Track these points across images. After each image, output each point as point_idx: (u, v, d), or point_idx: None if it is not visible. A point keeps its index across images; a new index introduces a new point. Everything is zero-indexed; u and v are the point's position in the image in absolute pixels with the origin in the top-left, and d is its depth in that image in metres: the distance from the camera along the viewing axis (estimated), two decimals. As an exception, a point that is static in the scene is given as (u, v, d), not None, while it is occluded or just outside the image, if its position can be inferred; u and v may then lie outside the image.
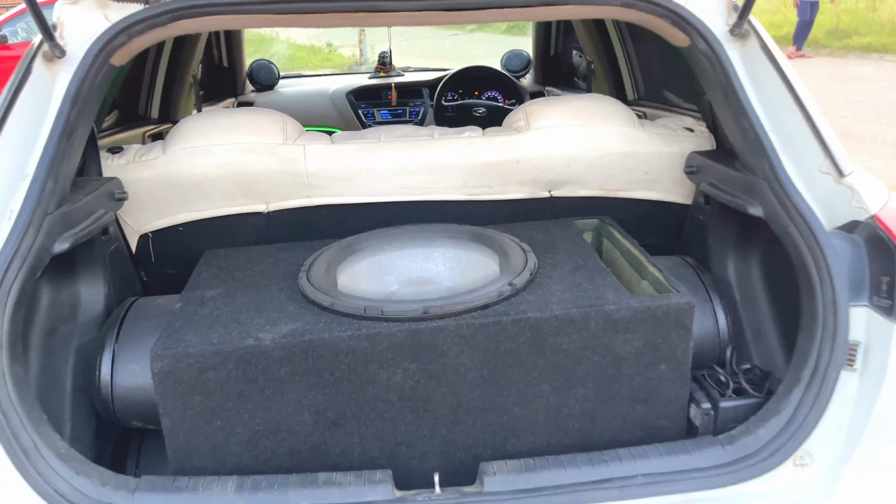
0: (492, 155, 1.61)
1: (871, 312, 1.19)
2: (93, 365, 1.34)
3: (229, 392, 1.19)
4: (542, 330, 1.22)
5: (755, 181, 1.36)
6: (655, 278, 1.38)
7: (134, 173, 1.55)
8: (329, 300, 1.26)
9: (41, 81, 1.30)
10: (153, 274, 1.69)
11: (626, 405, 1.27)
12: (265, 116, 1.61)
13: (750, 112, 1.35)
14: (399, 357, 1.20)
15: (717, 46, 1.39)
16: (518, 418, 1.24)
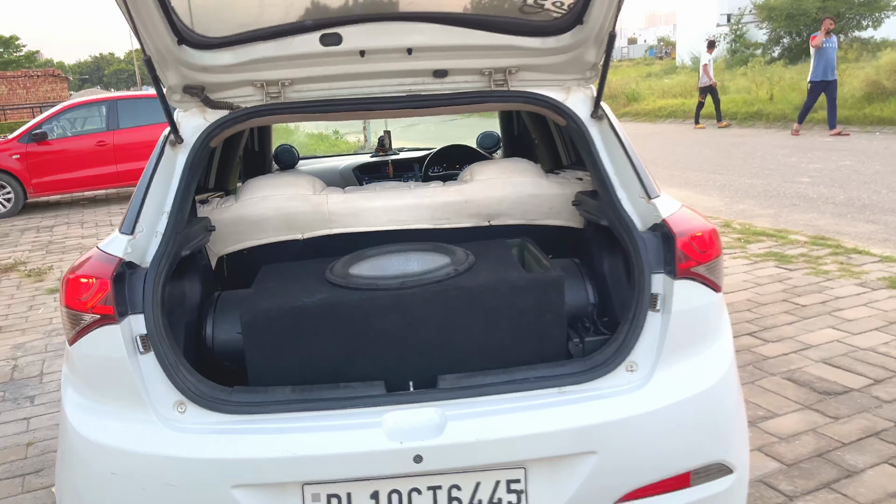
0: (448, 198, 2.40)
1: (664, 276, 1.93)
2: (193, 333, 2.10)
3: (286, 334, 1.93)
4: (473, 294, 1.97)
5: (604, 205, 2.13)
6: (545, 266, 2.14)
7: (217, 215, 2.34)
8: (344, 281, 2.02)
9: (169, 158, 2.10)
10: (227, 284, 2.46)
11: (528, 341, 2.01)
12: (301, 177, 2.41)
13: (600, 165, 2.13)
14: (386, 312, 1.95)
15: (582, 125, 2.19)
16: (461, 350, 1.99)
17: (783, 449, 3.05)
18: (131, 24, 1.81)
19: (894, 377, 3.63)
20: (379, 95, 2.19)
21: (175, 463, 1.73)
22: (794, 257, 5.85)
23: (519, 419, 1.79)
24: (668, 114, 18.18)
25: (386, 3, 1.98)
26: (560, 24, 2.06)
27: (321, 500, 1.77)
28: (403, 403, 1.80)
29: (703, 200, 8.66)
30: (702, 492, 1.90)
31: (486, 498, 1.80)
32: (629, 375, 1.87)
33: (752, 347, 4.11)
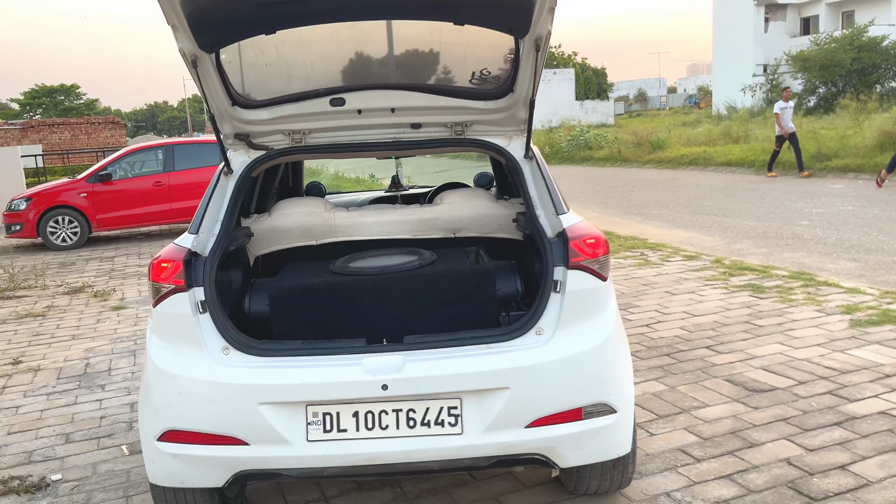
0: (423, 216, 3.23)
1: (563, 268, 2.70)
2: (238, 305, 2.94)
3: (299, 304, 2.75)
4: (430, 279, 2.78)
5: (528, 221, 2.91)
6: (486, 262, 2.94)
7: (255, 225, 3.19)
8: (341, 271, 2.85)
9: (223, 183, 2.97)
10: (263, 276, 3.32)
11: (470, 314, 2.79)
12: (317, 200, 3.26)
13: (527, 192, 2.91)
14: (369, 290, 2.76)
15: (517, 164, 2.99)
16: (423, 318, 2.78)
17: (704, 428, 3.74)
18: (201, 92, 2.71)
19: (816, 380, 4.29)
20: (372, 141, 3.05)
21: (220, 387, 2.55)
22: (769, 289, 6.51)
23: (457, 363, 2.57)
24: (690, 161, 18.87)
25: (376, 76, 2.85)
26: (498, 92, 2.90)
27: (318, 417, 2.56)
28: (377, 352, 2.60)
29: (704, 240, 9.34)
30: (591, 424, 2.64)
31: (433, 419, 2.57)
32: (537, 337, 2.64)
33: (705, 357, 4.81)
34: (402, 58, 2.80)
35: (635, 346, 5.10)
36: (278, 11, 2.47)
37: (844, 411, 3.83)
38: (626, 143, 22.30)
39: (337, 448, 2.55)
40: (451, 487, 3.28)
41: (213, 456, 2.58)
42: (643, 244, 9.13)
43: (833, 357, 4.65)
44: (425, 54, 2.78)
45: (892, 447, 3.41)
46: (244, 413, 2.54)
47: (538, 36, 2.57)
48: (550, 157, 24.58)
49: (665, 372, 4.57)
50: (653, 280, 7.11)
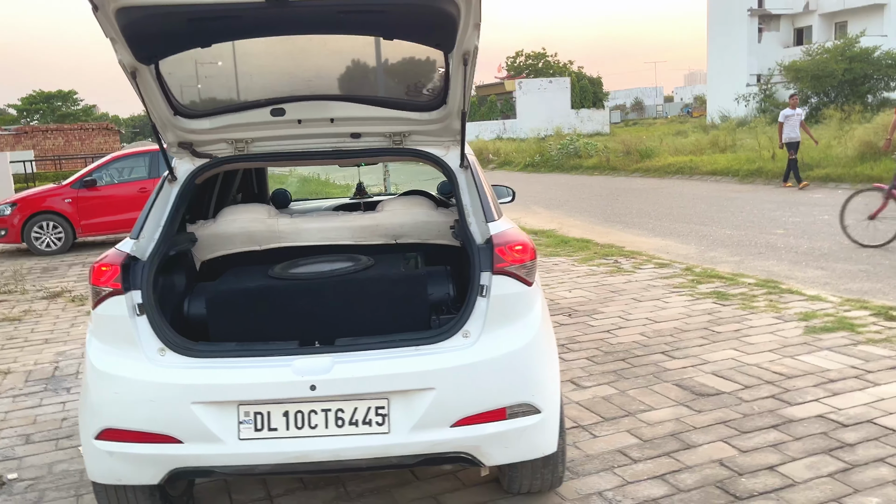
0: (364, 223, 3.33)
1: (489, 273, 2.80)
2: (179, 308, 3.04)
3: (235, 308, 2.85)
4: (363, 284, 2.89)
5: (461, 227, 3.01)
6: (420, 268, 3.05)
7: (200, 231, 3.29)
8: (278, 276, 2.95)
9: (166, 190, 3.07)
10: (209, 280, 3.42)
11: (402, 317, 2.89)
12: (261, 206, 3.37)
13: (460, 200, 3.01)
14: (304, 294, 2.86)
15: (453, 172, 3.09)
16: (356, 322, 2.88)
17: (646, 431, 3.84)
18: (142, 101, 2.82)
19: (762, 385, 4.39)
20: (314, 150, 3.16)
21: (154, 386, 2.64)
22: (733, 296, 6.62)
23: (384, 365, 2.67)
24: (676, 170, 19.02)
25: (315, 88, 2.96)
26: (432, 104, 3.01)
27: (250, 416, 2.66)
28: (307, 354, 2.70)
29: (679, 248, 9.46)
30: (515, 424, 2.73)
31: (361, 418, 2.67)
32: (464, 339, 2.74)
33: (659, 362, 4.91)
34: (340, 70, 2.91)
35: (593, 351, 5.21)
36: (211, 26, 2.58)
37: (783, 414, 3.93)
38: (615, 152, 22.46)
39: (267, 446, 2.64)
40: (393, 487, 3.38)
41: (148, 454, 2.67)
42: (619, 252, 9.25)
43: (782, 363, 4.75)
44: (362, 67, 2.89)
45: (823, 449, 3.51)
46: (178, 412, 2.63)
47: (465, 51, 2.68)
48: (541, 166, 24.75)
49: (618, 376, 4.67)
50: (622, 287, 7.22)
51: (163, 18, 2.48)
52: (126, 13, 2.41)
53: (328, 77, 2.93)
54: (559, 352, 5.17)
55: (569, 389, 4.48)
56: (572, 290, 7.22)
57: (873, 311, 5.83)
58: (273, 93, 2.97)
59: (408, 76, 2.95)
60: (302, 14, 2.50)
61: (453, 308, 3.07)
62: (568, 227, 11.86)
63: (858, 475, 3.25)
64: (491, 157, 28.45)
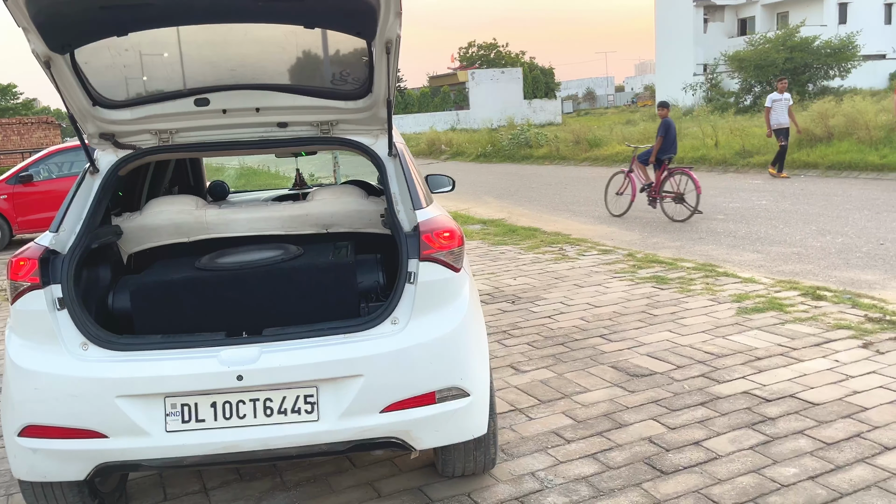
0: (294, 212, 3.33)
1: (416, 260, 2.84)
2: (104, 301, 2.99)
3: (160, 300, 2.83)
4: (290, 273, 2.89)
5: (389, 216, 3.02)
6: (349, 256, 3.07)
7: (125, 224, 3.24)
8: (204, 267, 2.94)
9: (87, 182, 3.02)
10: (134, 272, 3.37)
11: (331, 306, 2.91)
12: (189, 197, 3.34)
13: (388, 188, 3.04)
14: (230, 285, 2.85)
15: (382, 161, 3.11)
16: (284, 311, 2.89)
17: (581, 412, 3.93)
18: (59, 92, 2.76)
19: (693, 364, 4.53)
20: (240, 140, 3.14)
21: (77, 381, 2.61)
22: (671, 280, 6.78)
23: (311, 353, 2.68)
24: (624, 159, 19.27)
25: (239, 77, 2.94)
26: (358, 92, 3.02)
27: (177, 408, 2.64)
28: (234, 345, 2.69)
29: (624, 235, 9.63)
30: (445, 407, 2.78)
31: (290, 407, 2.68)
32: (392, 326, 2.77)
33: (597, 345, 5.01)
34: (264, 59, 2.89)
35: (534, 336, 5.29)
36: (126, 15, 2.54)
37: (711, 392, 4.07)
38: (565, 142, 22.69)
39: (195, 437, 2.64)
40: (330, 475, 3.39)
41: (72, 450, 2.64)
42: (565, 239, 9.38)
43: (714, 343, 4.91)
44: (286, 55, 2.88)
45: (746, 423, 3.65)
46: (102, 406, 2.60)
47: (388, 39, 2.70)
48: (493, 156, 24.87)
49: (556, 360, 4.76)
50: (565, 273, 7.34)
51: (74, 6, 2.43)
52: (36, 1, 2.36)
53: (252, 66, 2.91)
54: (501, 338, 5.27)
55: (508, 374, 4.56)
56: (517, 277, 7.31)
57: (802, 292, 6.04)
58: (196, 82, 2.94)
59: (333, 65, 2.95)
60: (218, 2, 2.48)
61: (383, 296, 3.10)
62: (517, 217, 11.96)
63: (778, 447, 3.39)
64: (444, 147, 28.47)
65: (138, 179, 3.97)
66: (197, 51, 2.81)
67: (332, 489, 3.29)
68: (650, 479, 3.18)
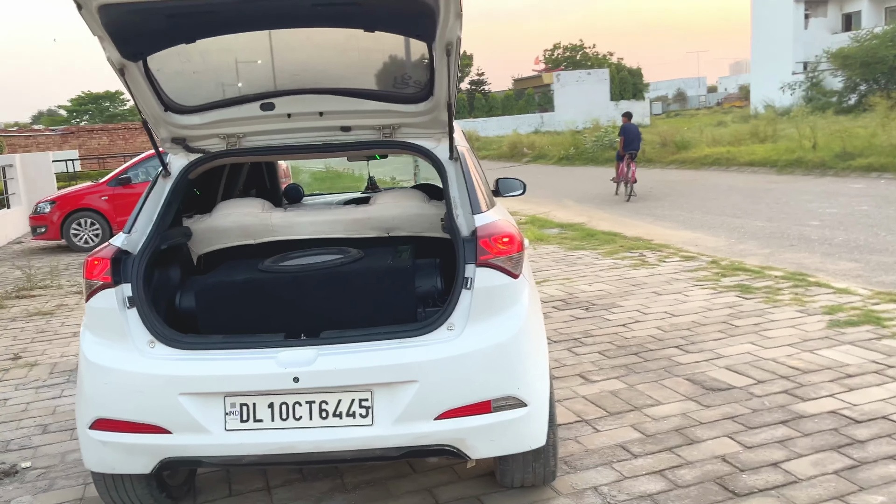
0: (356, 216, 3.33)
1: (473, 266, 2.77)
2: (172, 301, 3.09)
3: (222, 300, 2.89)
4: (349, 276, 2.89)
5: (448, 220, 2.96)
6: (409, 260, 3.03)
7: (195, 225, 3.34)
8: (267, 269, 2.98)
9: (160, 185, 3.13)
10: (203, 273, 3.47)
11: (389, 309, 2.89)
12: (256, 200, 3.40)
13: (448, 192, 2.97)
14: (290, 287, 2.88)
15: (442, 164, 3.07)
16: (343, 313, 2.89)
17: (650, 426, 3.78)
18: (133, 98, 2.87)
19: (776, 379, 4.28)
20: (305, 144, 3.18)
21: (143, 377, 2.69)
22: (757, 289, 6.46)
23: (367, 357, 2.67)
24: (713, 161, 18.65)
25: (302, 81, 2.97)
26: (420, 95, 2.99)
27: (236, 407, 2.69)
28: (292, 346, 2.72)
29: (709, 241, 9.27)
30: (500, 417, 2.71)
31: (344, 410, 2.68)
32: (448, 332, 2.73)
33: (673, 356, 4.82)
34: (326, 63, 2.91)
35: (606, 345, 5.14)
36: (191, 22, 2.61)
37: (794, 410, 3.83)
38: (651, 144, 22.08)
39: (253, 437, 2.67)
40: (389, 479, 3.38)
41: (138, 444, 2.72)
42: (646, 245, 9.10)
43: (800, 357, 4.62)
44: (347, 59, 2.89)
45: (832, 445, 3.41)
46: (166, 403, 2.68)
47: (448, 41, 2.66)
48: (575, 159, 24.51)
49: (628, 371, 4.60)
50: (644, 280, 7.11)
51: (143, 15, 2.51)
52: (108, 10, 2.45)
53: (315, 71, 2.94)
54: (571, 346, 5.15)
55: (577, 384, 4.44)
56: (593, 283, 7.13)
57: (902, 305, 5.63)
58: (262, 87, 2.99)
59: (394, 68, 2.94)
60: (278, 8, 2.51)
61: (441, 301, 3.06)
62: (597, 221, 11.72)
63: (866, 472, 3.15)
64: (525, 150, 28.27)
65: (213, 182, 4.09)
66: (260, 55, 2.86)
67: (390, 493, 3.27)
68: (721, 500, 3.01)
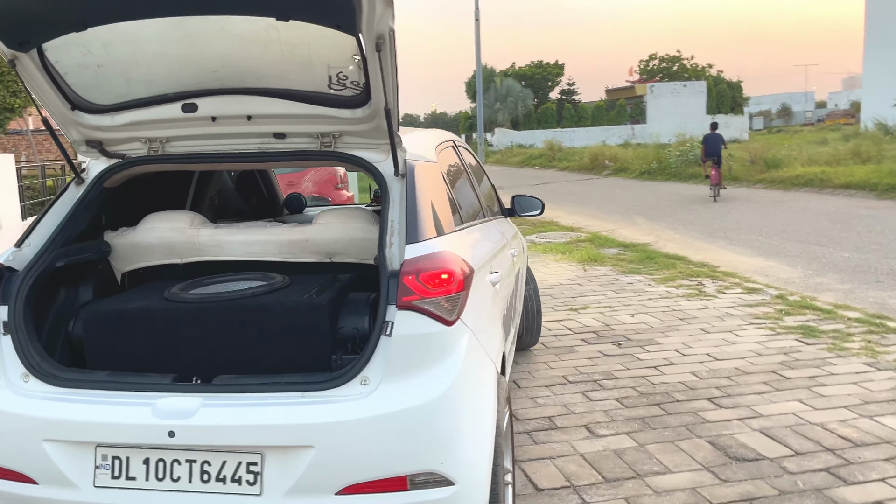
0: (293, 237, 2.86)
1: (394, 308, 2.26)
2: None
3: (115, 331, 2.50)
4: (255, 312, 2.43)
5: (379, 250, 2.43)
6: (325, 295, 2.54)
7: (116, 240, 2.97)
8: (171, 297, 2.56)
9: (71, 192, 2.77)
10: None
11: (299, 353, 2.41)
12: (184, 214, 2.99)
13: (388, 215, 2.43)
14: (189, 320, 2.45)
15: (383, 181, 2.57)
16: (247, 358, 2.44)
17: (649, 501, 3.14)
18: (31, 94, 2.52)
19: (819, 452, 3.54)
20: (236, 152, 2.75)
21: (8, 417, 2.32)
22: (824, 332, 5.62)
23: (257, 413, 2.21)
24: (805, 182, 17.24)
25: (223, 79, 2.54)
26: (358, 99, 2.51)
27: (108, 460, 2.28)
28: (176, 392, 2.28)
29: (782, 271, 8.35)
30: (419, 497, 2.19)
31: (229, 474, 2.22)
32: (361, 387, 2.23)
33: (700, 411, 4.13)
34: (247, 59, 2.47)
35: (628, 391, 4.49)
36: (80, 7, 2.23)
37: (833, 496, 3.10)
38: (740, 161, 20.76)
39: (124, 497, 2.26)
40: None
41: (3, 491, 2.36)
42: (708, 272, 8.28)
43: (855, 424, 3.85)
44: (270, 54, 2.44)
45: (870, 553, 2.69)
46: (30, 449, 2.31)
47: (378, 34, 2.19)
48: (657, 174, 23.37)
49: (644, 425, 3.95)
50: (694, 314, 6.36)
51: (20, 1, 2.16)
52: None
53: (238, 68, 2.50)
54: (588, 389, 4.52)
55: (580, 437, 3.83)
56: (636, 314, 6.43)
57: None
58: (179, 86, 2.59)
59: (325, 66, 2.46)
60: None
61: (357, 344, 2.56)
62: (664, 242, 10.90)
63: None
64: (607, 162, 27.26)
65: (181, 190, 3.74)
66: (172, 49, 2.45)
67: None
68: None
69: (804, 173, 17.55)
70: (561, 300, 7.10)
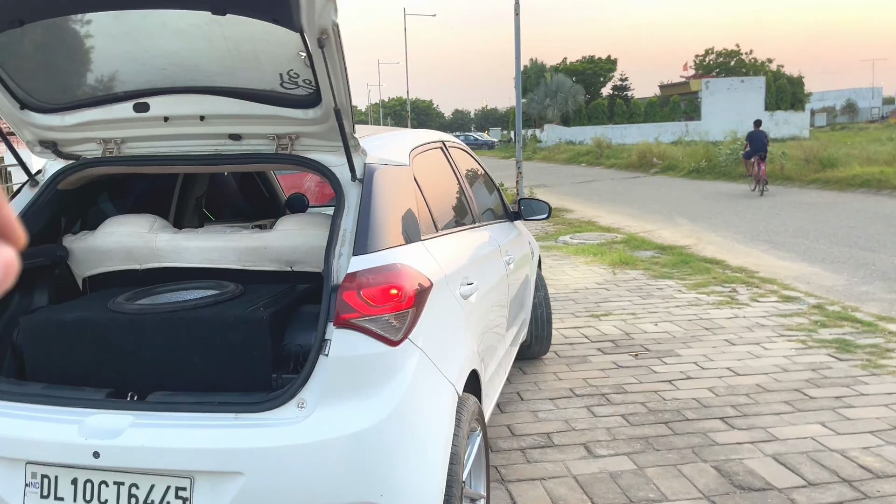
0: (250, 244, 2.70)
1: (332, 326, 2.08)
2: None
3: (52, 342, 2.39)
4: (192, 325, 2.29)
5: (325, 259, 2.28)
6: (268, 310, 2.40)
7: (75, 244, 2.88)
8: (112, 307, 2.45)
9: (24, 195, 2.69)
10: None
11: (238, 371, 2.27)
12: (143, 218, 2.88)
13: (341, 222, 2.28)
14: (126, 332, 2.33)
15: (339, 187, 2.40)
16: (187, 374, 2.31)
17: (637, 534, 2.91)
18: None
19: (833, 483, 3.24)
20: (191, 154, 2.62)
21: None
22: (860, 347, 5.23)
23: (186, 434, 2.07)
24: (862, 183, 16.41)
25: (172, 77, 2.41)
26: (312, 99, 2.34)
27: (37, 479, 2.18)
28: (107, 409, 2.16)
29: (825, 278, 7.90)
30: (356, 531, 2.03)
31: (157, 499, 2.09)
32: (298, 411, 2.07)
33: (710, 432, 3.85)
34: (194, 55, 2.33)
35: (636, 406, 4.23)
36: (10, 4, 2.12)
37: (841, 538, 2.81)
38: (793, 160, 19.93)
39: None
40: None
41: None
42: (745, 278, 7.88)
43: (879, 452, 3.52)
44: (217, 51, 2.29)
45: None
46: None
47: (321, 29, 2.02)
48: (706, 172, 22.65)
49: (647, 446, 3.70)
50: (722, 323, 6.02)
51: None
52: None
53: (186, 65, 2.36)
54: (594, 403, 4.28)
55: (576, 457, 3.60)
56: (659, 322, 6.13)
57: None
58: (128, 84, 2.47)
59: (273, 63, 2.31)
60: None
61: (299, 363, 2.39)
62: (704, 245, 10.47)
63: None
64: (655, 160, 26.57)
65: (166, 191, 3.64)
66: (116, 46, 2.33)
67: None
68: None
69: (861, 173, 16.71)
70: (584, 305, 6.83)
